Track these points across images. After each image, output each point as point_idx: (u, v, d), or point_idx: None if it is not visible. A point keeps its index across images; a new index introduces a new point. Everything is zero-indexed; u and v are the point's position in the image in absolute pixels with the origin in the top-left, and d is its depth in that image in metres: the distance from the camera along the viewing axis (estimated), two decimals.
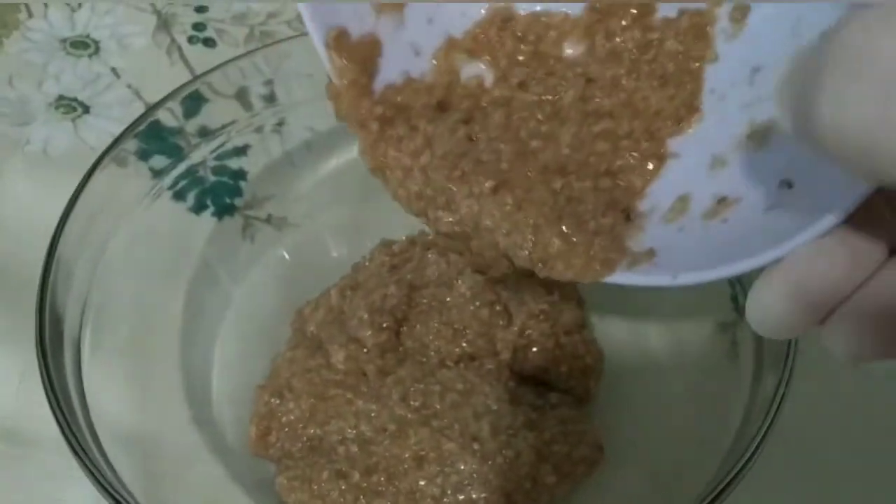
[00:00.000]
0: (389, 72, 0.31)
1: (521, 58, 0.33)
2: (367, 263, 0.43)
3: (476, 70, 0.33)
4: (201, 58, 0.53)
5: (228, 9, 0.56)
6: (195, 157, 0.42)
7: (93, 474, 0.31)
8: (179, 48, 0.54)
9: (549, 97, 0.32)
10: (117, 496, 0.31)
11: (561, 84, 0.32)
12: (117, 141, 0.39)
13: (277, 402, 0.38)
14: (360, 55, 0.30)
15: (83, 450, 0.31)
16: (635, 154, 0.31)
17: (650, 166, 0.31)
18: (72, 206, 0.37)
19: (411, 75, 0.32)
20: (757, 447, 0.31)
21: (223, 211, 0.43)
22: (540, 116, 0.32)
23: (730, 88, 0.30)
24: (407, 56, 0.32)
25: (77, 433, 0.32)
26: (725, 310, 0.37)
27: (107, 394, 0.35)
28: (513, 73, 0.33)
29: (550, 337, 0.39)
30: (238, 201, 0.43)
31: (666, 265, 0.28)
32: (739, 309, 0.36)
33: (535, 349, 0.39)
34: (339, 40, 0.30)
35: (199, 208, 0.42)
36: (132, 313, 0.39)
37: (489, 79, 0.33)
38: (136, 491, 0.32)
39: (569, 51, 0.33)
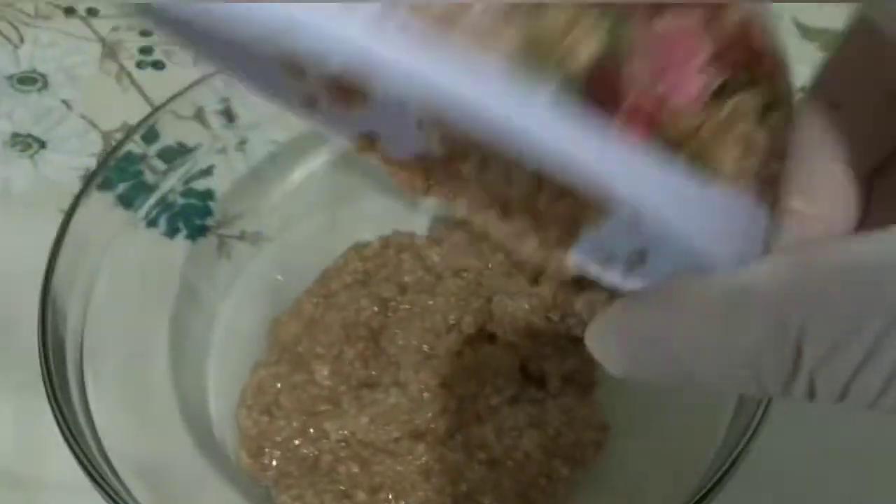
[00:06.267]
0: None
1: None
2: (338, 269, 0.42)
3: None
4: (152, 81, 0.53)
5: None
6: (163, 185, 0.42)
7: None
8: (129, 74, 0.54)
9: None
10: None
11: None
12: (89, 179, 0.39)
13: (267, 420, 0.38)
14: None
15: (104, 480, 0.31)
16: None
17: None
18: (58, 245, 0.37)
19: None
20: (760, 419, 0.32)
21: (196, 233, 0.43)
22: None
23: None
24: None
25: (94, 464, 0.32)
26: None
27: (111, 425, 0.35)
28: None
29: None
30: (210, 221, 0.43)
31: None
32: None
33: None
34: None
35: (172, 232, 0.42)
36: (123, 344, 0.39)
37: None
38: None
39: None
